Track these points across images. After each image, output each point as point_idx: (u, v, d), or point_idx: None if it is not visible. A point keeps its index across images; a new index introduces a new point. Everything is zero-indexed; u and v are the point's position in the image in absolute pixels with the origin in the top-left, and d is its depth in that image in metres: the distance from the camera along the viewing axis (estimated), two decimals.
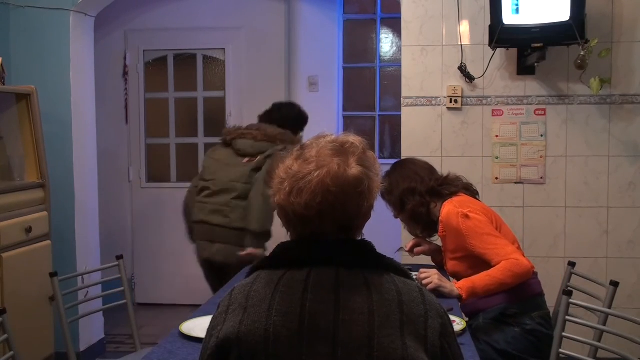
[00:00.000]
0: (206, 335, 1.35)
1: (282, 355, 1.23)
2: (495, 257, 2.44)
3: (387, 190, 2.73)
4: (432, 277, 2.45)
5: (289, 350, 1.23)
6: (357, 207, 1.32)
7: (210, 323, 1.34)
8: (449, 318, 1.33)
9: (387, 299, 1.26)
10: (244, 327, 1.25)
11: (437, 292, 2.40)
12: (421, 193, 2.68)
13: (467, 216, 2.53)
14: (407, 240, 3.81)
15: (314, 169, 1.29)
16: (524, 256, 2.56)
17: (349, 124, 5.30)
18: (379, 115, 5.24)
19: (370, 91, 5.26)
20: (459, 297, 2.40)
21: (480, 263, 2.50)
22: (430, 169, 2.79)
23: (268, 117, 3.60)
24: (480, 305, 2.57)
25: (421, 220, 2.74)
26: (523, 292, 2.53)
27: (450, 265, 2.68)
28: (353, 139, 1.37)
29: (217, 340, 1.28)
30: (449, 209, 2.59)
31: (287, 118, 3.58)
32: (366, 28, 5.29)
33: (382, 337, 1.22)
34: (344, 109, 5.29)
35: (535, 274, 2.61)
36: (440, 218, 2.64)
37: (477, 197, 2.76)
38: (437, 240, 2.87)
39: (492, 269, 2.43)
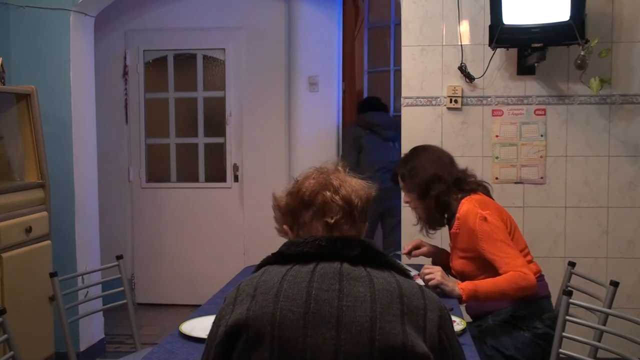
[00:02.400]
0: (213, 326, 1.39)
1: (288, 338, 1.28)
2: (503, 266, 2.41)
3: (410, 174, 2.62)
4: (435, 273, 2.44)
5: (294, 333, 1.28)
6: (359, 187, 1.50)
7: (217, 315, 1.39)
8: (447, 312, 1.38)
9: (389, 290, 1.32)
10: (252, 312, 1.30)
11: (439, 289, 2.41)
12: (447, 182, 2.59)
13: (485, 219, 2.47)
14: (407, 239, 3.81)
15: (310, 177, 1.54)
16: (533, 261, 2.56)
17: None
18: (392, 115, 5.21)
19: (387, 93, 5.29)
20: (459, 297, 2.39)
21: (489, 266, 2.47)
22: (452, 159, 2.70)
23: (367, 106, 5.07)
24: (487, 307, 2.53)
25: (441, 210, 2.62)
26: (533, 294, 2.47)
27: (458, 264, 2.63)
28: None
29: (226, 328, 1.32)
30: (468, 208, 2.52)
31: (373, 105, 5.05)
32: (387, 35, 5.33)
33: (383, 323, 1.28)
34: None
35: (542, 276, 2.59)
36: (457, 215, 2.56)
37: (491, 195, 2.70)
38: (434, 236, 2.83)
39: (498, 277, 2.40)
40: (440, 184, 2.58)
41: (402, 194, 2.76)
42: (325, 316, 1.29)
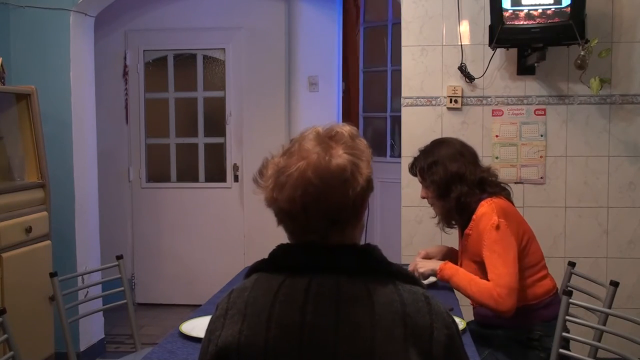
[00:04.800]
0: (204, 339, 1.32)
1: None
2: (490, 280, 2.33)
3: (429, 170, 2.46)
4: (412, 269, 2.49)
5: None
6: (343, 197, 1.24)
7: (209, 326, 1.32)
8: (456, 327, 1.27)
9: (390, 311, 1.21)
10: (243, 338, 1.22)
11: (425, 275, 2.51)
12: (469, 182, 2.42)
13: (497, 227, 2.33)
14: (407, 238, 3.82)
15: (296, 161, 1.25)
16: (548, 277, 2.50)
17: (366, 124, 5.41)
18: (390, 115, 5.19)
19: (383, 93, 5.25)
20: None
21: None
22: (476, 156, 2.53)
23: None
24: (498, 321, 2.44)
25: (462, 211, 2.45)
26: (548, 313, 2.44)
27: (470, 269, 2.47)
28: (340, 128, 1.32)
29: (216, 348, 1.25)
30: (486, 211, 2.39)
31: None
32: (382, 34, 5.30)
33: (384, 354, 1.18)
34: (364, 111, 5.37)
35: (557, 294, 2.53)
36: (473, 216, 2.42)
37: (511, 199, 2.56)
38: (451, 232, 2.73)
39: (478, 280, 2.35)
40: (462, 184, 2.42)
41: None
42: (321, 346, 1.19)
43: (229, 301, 1.30)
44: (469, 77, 3.74)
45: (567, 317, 2.32)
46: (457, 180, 2.43)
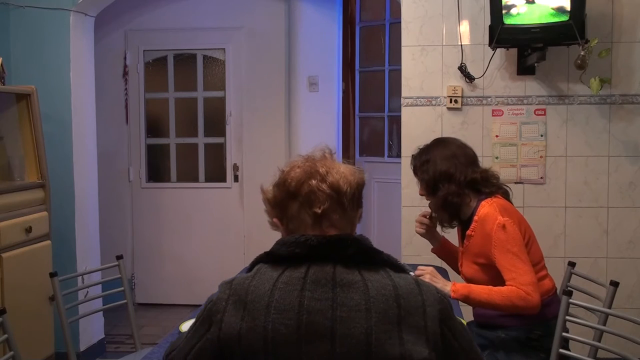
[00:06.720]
0: (204, 310, 1.36)
1: (281, 353, 1.26)
2: (509, 280, 2.31)
3: (422, 167, 2.51)
4: (424, 275, 2.42)
5: (287, 348, 1.25)
6: (348, 175, 1.42)
7: (209, 302, 1.36)
8: (448, 301, 1.35)
9: (384, 294, 1.28)
10: (244, 325, 1.28)
11: None
12: (458, 182, 2.44)
13: (504, 227, 2.34)
14: (407, 238, 3.82)
15: (303, 160, 1.47)
16: (548, 277, 2.48)
17: (363, 124, 5.40)
18: (387, 115, 5.19)
19: (381, 93, 5.24)
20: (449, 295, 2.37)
21: (502, 278, 2.35)
22: (471, 158, 2.54)
23: None
24: (498, 321, 2.44)
25: (450, 210, 2.48)
26: (547, 313, 2.41)
27: (470, 270, 2.49)
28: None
29: (220, 334, 1.30)
30: (489, 212, 2.39)
31: None
32: (379, 33, 5.29)
33: (379, 333, 1.25)
34: (360, 110, 5.36)
35: (556, 294, 2.53)
36: (475, 217, 2.43)
37: (510, 199, 2.58)
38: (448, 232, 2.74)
39: (496, 288, 2.32)
40: (451, 184, 2.44)
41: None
42: (319, 329, 1.25)
43: (231, 287, 1.35)
44: (469, 77, 3.74)
45: (567, 317, 2.32)
46: (445, 180, 2.45)
